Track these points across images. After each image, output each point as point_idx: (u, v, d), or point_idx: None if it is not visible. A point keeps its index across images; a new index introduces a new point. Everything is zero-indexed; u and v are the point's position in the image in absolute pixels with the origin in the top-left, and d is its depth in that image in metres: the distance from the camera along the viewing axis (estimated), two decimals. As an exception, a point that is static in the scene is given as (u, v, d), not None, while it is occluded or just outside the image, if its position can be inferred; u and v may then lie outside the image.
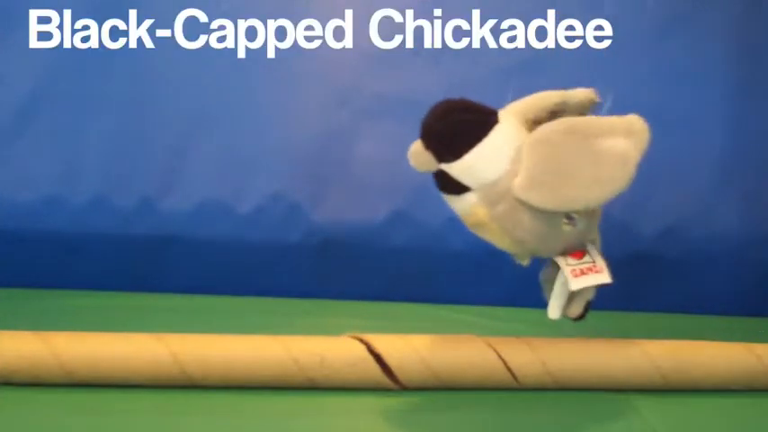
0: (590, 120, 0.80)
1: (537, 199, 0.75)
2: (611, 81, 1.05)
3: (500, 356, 0.82)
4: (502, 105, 1.02)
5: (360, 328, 0.84)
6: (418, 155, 0.76)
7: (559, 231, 0.78)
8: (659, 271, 1.03)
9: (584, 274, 0.77)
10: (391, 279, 0.86)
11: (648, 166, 1.04)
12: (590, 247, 0.80)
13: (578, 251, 0.79)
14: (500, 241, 0.79)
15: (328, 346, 0.81)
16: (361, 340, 0.82)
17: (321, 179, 1.03)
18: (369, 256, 1.01)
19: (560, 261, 0.78)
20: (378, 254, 1.00)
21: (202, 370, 0.78)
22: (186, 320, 0.88)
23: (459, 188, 0.77)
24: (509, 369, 0.81)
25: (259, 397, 0.79)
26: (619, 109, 1.05)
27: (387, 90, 1.06)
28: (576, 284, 0.77)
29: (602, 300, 0.82)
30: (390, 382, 0.81)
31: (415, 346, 0.82)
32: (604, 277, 0.77)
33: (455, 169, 0.76)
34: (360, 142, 1.04)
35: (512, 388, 0.82)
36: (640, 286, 1.04)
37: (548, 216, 0.76)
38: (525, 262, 0.81)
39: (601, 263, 0.79)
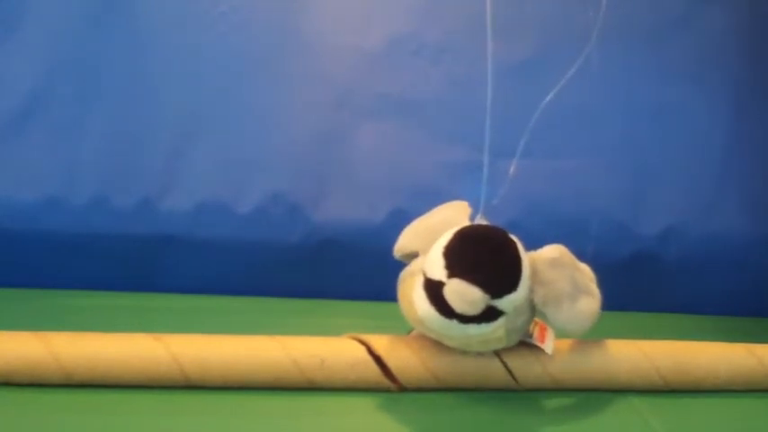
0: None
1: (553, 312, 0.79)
2: (610, 81, 1.05)
3: (499, 357, 0.82)
4: (501, 106, 1.03)
5: (360, 328, 0.84)
6: (476, 303, 0.74)
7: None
8: (659, 271, 1.03)
9: (544, 337, 0.82)
10: (391, 279, 0.86)
11: (648, 166, 1.05)
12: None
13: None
14: (496, 347, 0.80)
15: (328, 347, 0.81)
16: (361, 341, 0.82)
17: (321, 179, 1.02)
18: (369, 256, 1.00)
19: (528, 341, 0.82)
20: (378, 254, 0.99)
21: (202, 371, 0.78)
22: (186, 320, 0.88)
23: (494, 317, 0.76)
24: (509, 370, 0.81)
25: (258, 397, 0.79)
26: (619, 109, 1.05)
27: (387, 90, 1.06)
28: (550, 348, 0.81)
29: (602, 300, 0.83)
30: (390, 382, 0.81)
31: (415, 347, 0.82)
32: (550, 333, 0.83)
33: (505, 302, 0.75)
34: (360, 142, 1.04)
35: (511, 389, 0.82)
36: (640, 286, 1.04)
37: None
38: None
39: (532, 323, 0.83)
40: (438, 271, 0.75)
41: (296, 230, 1.01)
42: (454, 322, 0.75)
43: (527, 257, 0.78)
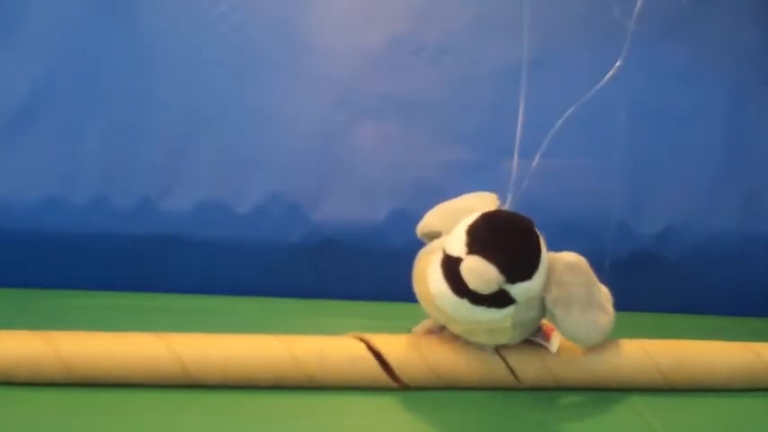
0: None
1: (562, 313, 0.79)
2: (611, 81, 1.05)
3: (501, 355, 0.82)
4: (501, 105, 1.03)
5: (360, 327, 0.84)
6: (490, 281, 0.74)
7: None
8: (659, 271, 1.03)
9: (550, 336, 0.83)
10: (391, 279, 0.86)
11: (648, 166, 1.05)
12: None
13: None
14: (501, 340, 0.80)
15: (330, 345, 0.81)
16: (363, 340, 0.82)
17: (321, 179, 1.02)
18: (369, 256, 1.00)
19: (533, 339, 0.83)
20: (378, 254, 1.00)
21: (203, 368, 0.79)
22: (186, 320, 0.88)
23: (505, 304, 0.77)
24: (510, 368, 0.81)
25: (261, 397, 0.79)
26: (620, 109, 1.05)
27: (387, 90, 1.06)
28: (555, 346, 0.82)
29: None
30: (392, 381, 0.81)
31: (417, 345, 0.82)
32: (556, 333, 0.83)
33: (518, 289, 0.76)
34: (360, 142, 1.04)
35: (513, 387, 0.82)
36: (640, 286, 1.04)
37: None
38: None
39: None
40: (458, 248, 0.76)
41: (296, 230, 1.01)
42: (465, 302, 0.76)
43: (547, 254, 0.79)
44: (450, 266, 0.76)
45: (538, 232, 0.79)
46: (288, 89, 1.05)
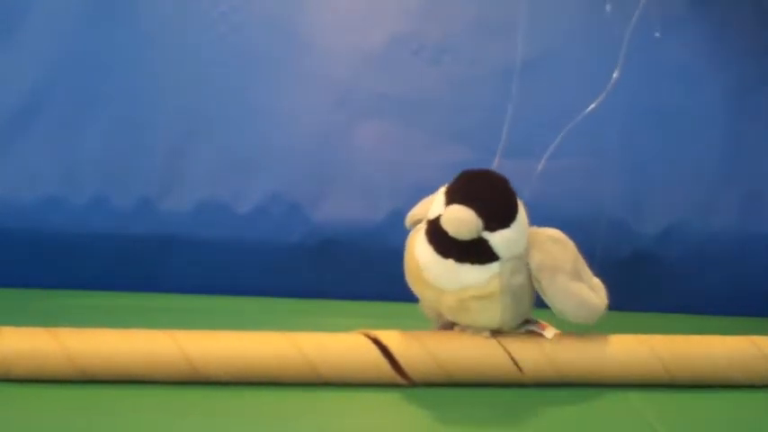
0: None
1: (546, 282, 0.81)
2: (610, 81, 1.05)
3: (506, 349, 0.82)
4: (501, 105, 1.03)
5: (360, 327, 0.84)
6: (469, 222, 0.76)
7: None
8: (659, 271, 1.03)
9: (545, 327, 0.84)
10: (391, 279, 0.86)
11: (648, 166, 1.05)
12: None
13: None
14: (494, 316, 0.81)
15: (338, 342, 0.82)
16: (370, 337, 0.82)
17: (321, 179, 1.03)
18: (369, 256, 1.01)
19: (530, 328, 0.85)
20: (378, 254, 1.00)
21: (209, 363, 0.79)
22: (186, 320, 0.88)
23: (488, 258, 0.78)
24: (512, 358, 0.82)
25: (266, 394, 0.79)
26: (620, 109, 1.05)
27: (387, 90, 1.06)
28: (550, 334, 0.84)
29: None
30: (397, 375, 0.81)
31: (420, 339, 0.82)
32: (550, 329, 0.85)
33: (497, 237, 0.78)
34: (360, 142, 1.04)
35: (517, 383, 0.82)
36: (640, 286, 1.04)
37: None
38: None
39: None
40: (438, 208, 0.79)
41: (296, 230, 1.01)
42: (450, 263, 0.78)
43: (526, 216, 0.81)
44: (433, 227, 0.79)
45: (513, 189, 0.81)
46: (288, 89, 1.05)
